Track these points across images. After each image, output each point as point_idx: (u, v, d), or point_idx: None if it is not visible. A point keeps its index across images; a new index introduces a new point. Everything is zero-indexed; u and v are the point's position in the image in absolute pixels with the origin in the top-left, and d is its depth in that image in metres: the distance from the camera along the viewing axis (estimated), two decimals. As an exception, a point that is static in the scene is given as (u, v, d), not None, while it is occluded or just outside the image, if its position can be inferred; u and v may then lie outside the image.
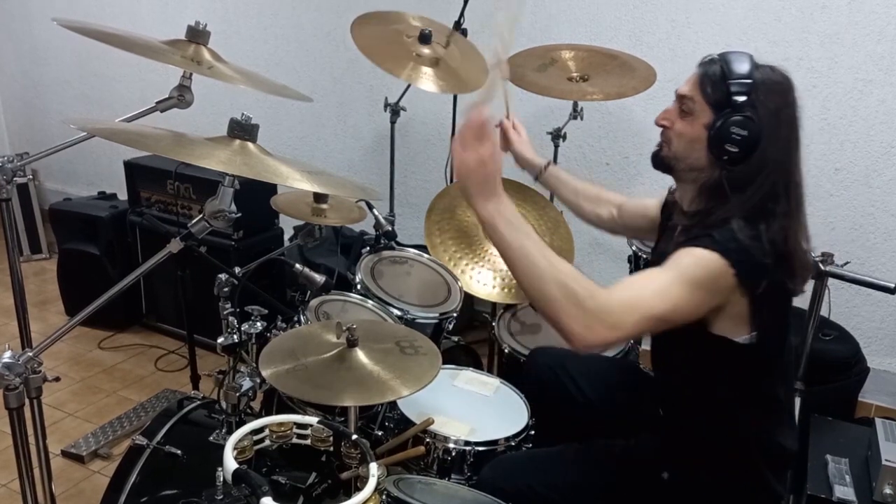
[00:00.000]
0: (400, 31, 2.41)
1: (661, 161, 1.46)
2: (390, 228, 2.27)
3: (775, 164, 1.31)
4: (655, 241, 1.70)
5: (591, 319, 1.22)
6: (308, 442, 1.26)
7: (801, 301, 1.49)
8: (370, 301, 2.04)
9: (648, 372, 1.89)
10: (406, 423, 1.72)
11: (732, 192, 1.32)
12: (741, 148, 1.30)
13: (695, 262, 1.26)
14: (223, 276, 1.67)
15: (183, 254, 1.35)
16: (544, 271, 1.26)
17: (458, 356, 2.38)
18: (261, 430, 1.24)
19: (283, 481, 1.37)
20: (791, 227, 1.32)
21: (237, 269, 1.74)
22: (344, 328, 1.36)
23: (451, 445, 1.66)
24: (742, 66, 1.32)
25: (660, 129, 1.46)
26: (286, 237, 3.17)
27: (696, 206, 1.42)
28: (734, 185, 1.32)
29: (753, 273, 1.27)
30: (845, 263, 2.02)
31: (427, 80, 2.26)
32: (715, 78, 1.34)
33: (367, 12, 2.43)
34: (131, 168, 3.17)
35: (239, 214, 1.33)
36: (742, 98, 1.30)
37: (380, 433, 1.78)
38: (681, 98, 1.41)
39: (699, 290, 1.26)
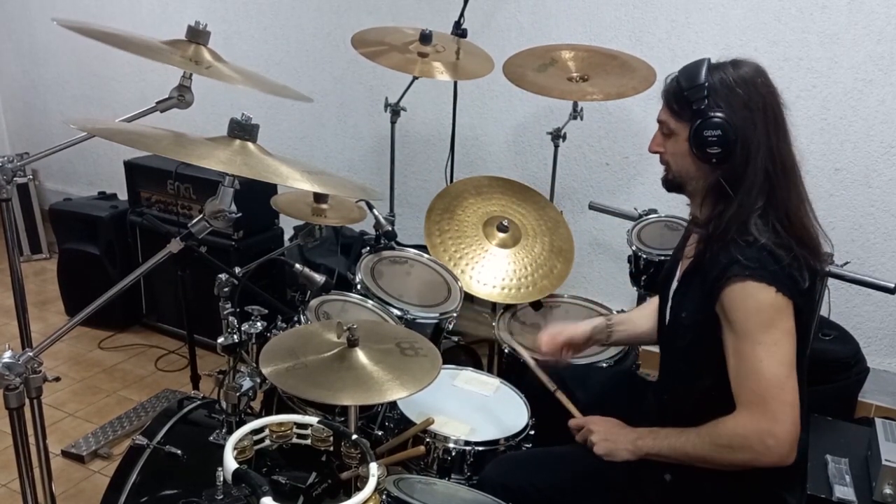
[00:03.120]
0: (399, 40, 2.45)
1: (669, 183, 1.53)
2: (390, 228, 2.27)
3: (760, 150, 1.35)
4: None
5: (758, 449, 1.30)
6: (308, 442, 1.26)
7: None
8: (370, 301, 2.04)
9: (643, 375, 1.89)
10: (406, 422, 1.72)
11: (732, 188, 1.37)
12: (721, 146, 1.35)
13: (754, 310, 1.30)
14: (223, 276, 1.67)
15: (183, 254, 1.35)
16: (700, 452, 1.37)
17: (458, 356, 2.38)
18: (261, 429, 1.24)
19: (283, 481, 1.37)
20: (792, 205, 1.36)
21: (237, 269, 1.73)
22: (344, 328, 1.36)
23: (451, 445, 1.66)
24: (695, 75, 1.38)
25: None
26: (286, 237, 3.17)
27: (706, 211, 1.46)
28: (731, 181, 1.37)
29: (792, 284, 1.31)
30: (845, 263, 2.02)
31: (441, 73, 2.35)
32: (675, 94, 1.42)
33: (361, 31, 2.47)
34: (131, 168, 3.17)
35: (239, 214, 1.33)
36: (703, 103, 1.36)
37: (380, 433, 1.78)
38: (659, 123, 1.48)
39: (779, 325, 1.30)
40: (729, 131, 1.34)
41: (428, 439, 1.66)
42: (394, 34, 2.51)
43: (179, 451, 1.55)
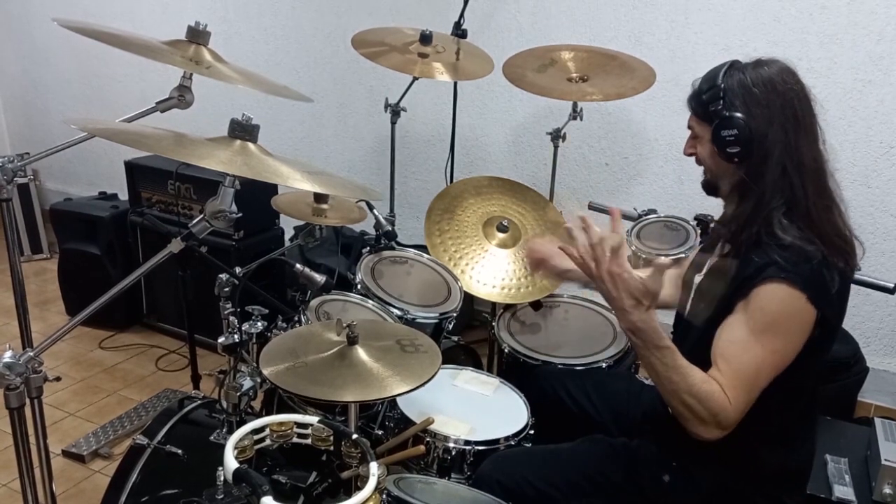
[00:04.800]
0: (399, 41, 2.45)
1: (707, 186, 1.54)
2: (390, 228, 2.28)
3: (776, 147, 1.36)
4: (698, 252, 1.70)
5: (712, 430, 1.32)
6: (308, 441, 1.27)
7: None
8: (370, 301, 2.05)
9: (642, 379, 1.90)
10: (406, 422, 1.72)
11: (755, 184, 1.37)
12: (741, 144, 1.37)
13: (777, 314, 1.30)
14: (224, 276, 1.67)
15: (183, 254, 1.35)
16: (672, 387, 1.34)
17: (458, 356, 2.38)
18: (261, 429, 1.24)
19: (284, 480, 1.37)
20: (814, 205, 1.36)
21: (238, 269, 1.74)
22: (344, 325, 1.37)
23: (451, 445, 1.66)
24: (713, 77, 1.41)
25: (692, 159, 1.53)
26: (287, 237, 3.18)
27: (730, 209, 1.47)
28: (753, 179, 1.38)
29: (822, 289, 1.31)
30: (845, 263, 2.02)
31: (441, 73, 2.35)
32: (696, 98, 1.45)
33: (361, 31, 2.46)
34: (132, 168, 3.17)
35: (240, 214, 1.33)
36: (718, 105, 1.39)
37: (380, 432, 1.79)
38: (689, 127, 1.51)
39: (791, 338, 1.31)
40: (744, 129, 1.35)
41: (428, 439, 1.66)
42: (394, 34, 2.51)
43: (180, 451, 1.55)
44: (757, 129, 1.35)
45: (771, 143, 1.35)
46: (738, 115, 1.36)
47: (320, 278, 1.91)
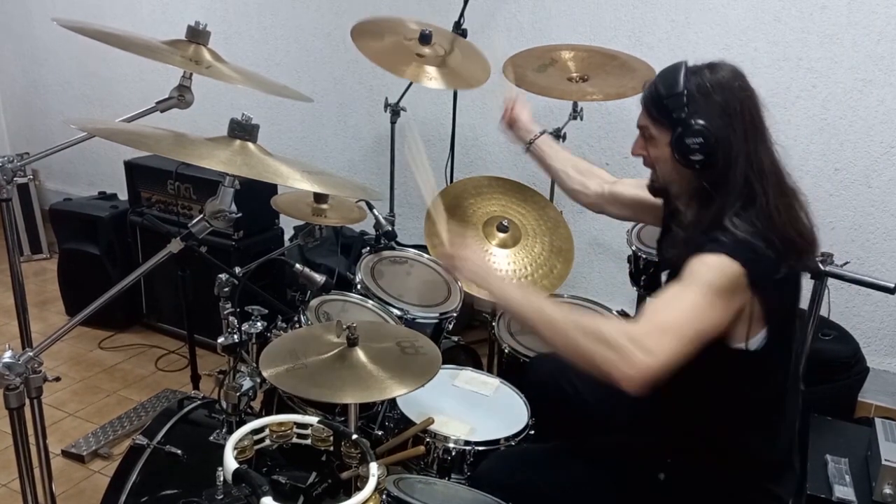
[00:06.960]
0: (399, 34, 2.41)
1: (655, 190, 1.53)
2: (390, 228, 2.28)
3: (740, 154, 1.35)
4: (659, 240, 1.69)
5: (627, 354, 1.22)
6: (308, 442, 1.27)
7: (801, 301, 1.50)
8: (370, 301, 2.05)
9: None
10: (406, 422, 1.72)
11: (716, 192, 1.36)
12: (705, 153, 1.35)
13: (708, 270, 1.28)
14: (223, 276, 1.67)
15: (183, 254, 1.35)
16: (568, 326, 1.31)
17: (458, 356, 2.38)
18: (261, 429, 1.24)
19: (284, 481, 1.37)
20: (774, 205, 1.35)
21: (237, 269, 1.74)
22: (344, 327, 1.37)
23: (451, 445, 1.66)
24: (673, 82, 1.39)
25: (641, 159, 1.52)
26: (286, 237, 3.18)
27: (691, 214, 1.46)
28: (714, 186, 1.37)
29: (762, 269, 1.29)
30: (845, 263, 2.02)
31: (431, 79, 2.28)
32: (655, 101, 1.42)
33: (364, 20, 2.43)
34: (132, 168, 3.17)
35: (239, 214, 1.34)
36: (683, 111, 1.36)
37: (380, 433, 1.79)
38: (640, 128, 1.48)
39: (720, 297, 1.27)
40: (710, 138, 1.34)
41: (428, 439, 1.66)
42: (397, 28, 2.47)
43: (180, 451, 1.55)
44: (721, 137, 1.34)
45: (735, 151, 1.35)
46: (703, 122, 1.34)
47: (320, 278, 1.91)
